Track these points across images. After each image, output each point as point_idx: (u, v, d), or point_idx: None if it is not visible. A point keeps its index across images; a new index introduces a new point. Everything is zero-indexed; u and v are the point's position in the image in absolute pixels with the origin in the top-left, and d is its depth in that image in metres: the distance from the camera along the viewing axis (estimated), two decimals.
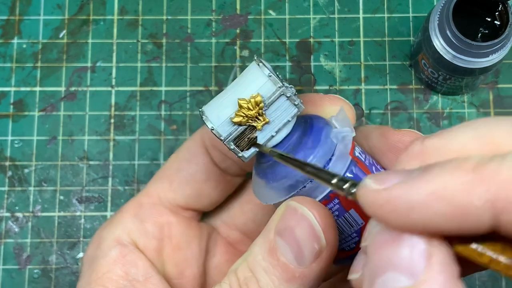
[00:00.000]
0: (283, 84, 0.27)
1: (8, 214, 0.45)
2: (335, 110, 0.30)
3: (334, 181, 0.22)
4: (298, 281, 0.26)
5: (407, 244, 0.19)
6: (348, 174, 0.28)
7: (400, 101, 0.47)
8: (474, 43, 0.40)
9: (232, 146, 0.28)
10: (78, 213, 0.46)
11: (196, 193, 0.34)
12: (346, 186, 0.22)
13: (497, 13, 0.41)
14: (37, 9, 0.48)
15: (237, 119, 0.27)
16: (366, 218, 0.28)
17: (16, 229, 0.45)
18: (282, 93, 0.27)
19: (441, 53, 0.41)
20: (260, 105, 0.27)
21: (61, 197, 0.46)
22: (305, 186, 0.27)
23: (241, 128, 0.28)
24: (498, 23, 0.41)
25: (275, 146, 0.28)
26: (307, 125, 0.29)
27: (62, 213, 0.46)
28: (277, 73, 0.29)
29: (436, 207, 0.18)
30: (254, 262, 0.27)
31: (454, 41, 0.40)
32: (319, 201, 0.28)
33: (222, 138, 0.28)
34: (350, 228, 0.28)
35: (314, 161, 0.27)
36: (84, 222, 0.45)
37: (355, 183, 0.21)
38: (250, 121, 0.27)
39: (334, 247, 0.27)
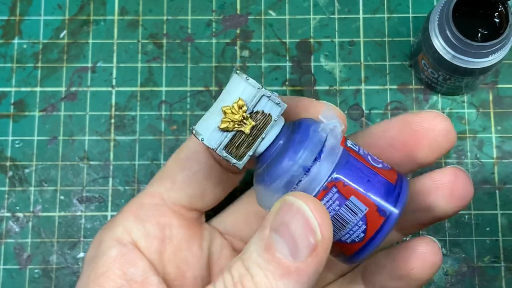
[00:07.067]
0: (262, 86, 0.28)
1: (8, 214, 0.46)
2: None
3: None
4: (294, 277, 0.26)
5: None
6: (340, 166, 0.28)
7: (400, 101, 0.47)
8: (474, 43, 0.40)
9: (225, 154, 0.28)
10: (78, 213, 0.46)
11: (199, 192, 0.34)
12: None
13: (497, 13, 0.41)
14: (37, 9, 0.49)
15: (223, 125, 0.28)
16: (369, 203, 0.28)
17: (17, 229, 0.45)
18: (262, 94, 0.28)
19: (441, 53, 0.41)
20: (243, 108, 0.28)
21: (62, 197, 0.46)
22: (301, 180, 0.28)
23: (230, 134, 0.28)
24: (498, 22, 0.41)
25: (265, 150, 0.29)
26: (295, 126, 0.29)
27: (62, 213, 0.46)
28: (260, 83, 0.29)
29: None
30: (249, 259, 0.26)
31: (454, 41, 0.40)
32: (318, 191, 0.28)
33: (213, 147, 0.28)
34: (354, 217, 0.28)
35: (305, 155, 0.28)
36: (85, 222, 0.45)
37: None
38: (236, 126, 0.28)
39: (329, 241, 0.26)
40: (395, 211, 0.29)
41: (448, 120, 0.32)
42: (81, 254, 0.45)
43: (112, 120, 0.47)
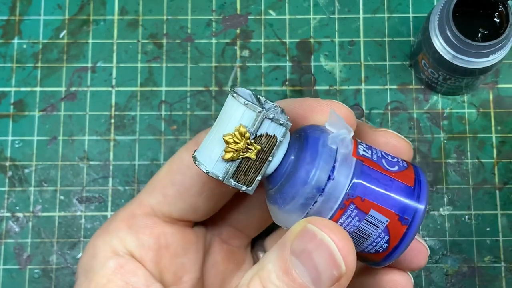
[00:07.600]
0: (263, 108, 0.27)
1: (8, 214, 0.46)
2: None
3: None
4: None
5: None
6: (355, 180, 0.27)
7: (400, 101, 0.47)
8: (474, 43, 0.40)
9: (233, 183, 0.27)
10: (78, 213, 0.46)
11: (190, 207, 0.33)
12: None
13: (497, 13, 0.41)
14: (37, 9, 0.48)
15: (228, 156, 0.27)
16: (389, 214, 0.27)
17: (17, 229, 0.45)
18: (264, 117, 0.26)
19: (441, 53, 0.41)
20: (246, 135, 0.26)
21: (62, 197, 0.46)
22: (316, 201, 0.27)
23: (236, 162, 0.27)
24: (498, 22, 0.41)
25: (274, 171, 0.28)
26: (302, 139, 0.28)
27: (62, 213, 0.46)
28: (258, 95, 0.28)
29: None
30: (267, 280, 0.26)
31: (454, 41, 0.40)
32: (335, 211, 0.27)
33: (220, 178, 0.27)
34: (376, 229, 0.27)
35: (317, 175, 0.26)
36: (85, 222, 0.45)
37: None
38: (241, 153, 0.27)
39: (353, 270, 0.26)
40: (418, 216, 0.28)
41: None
42: (81, 254, 0.45)
43: (112, 120, 0.47)
